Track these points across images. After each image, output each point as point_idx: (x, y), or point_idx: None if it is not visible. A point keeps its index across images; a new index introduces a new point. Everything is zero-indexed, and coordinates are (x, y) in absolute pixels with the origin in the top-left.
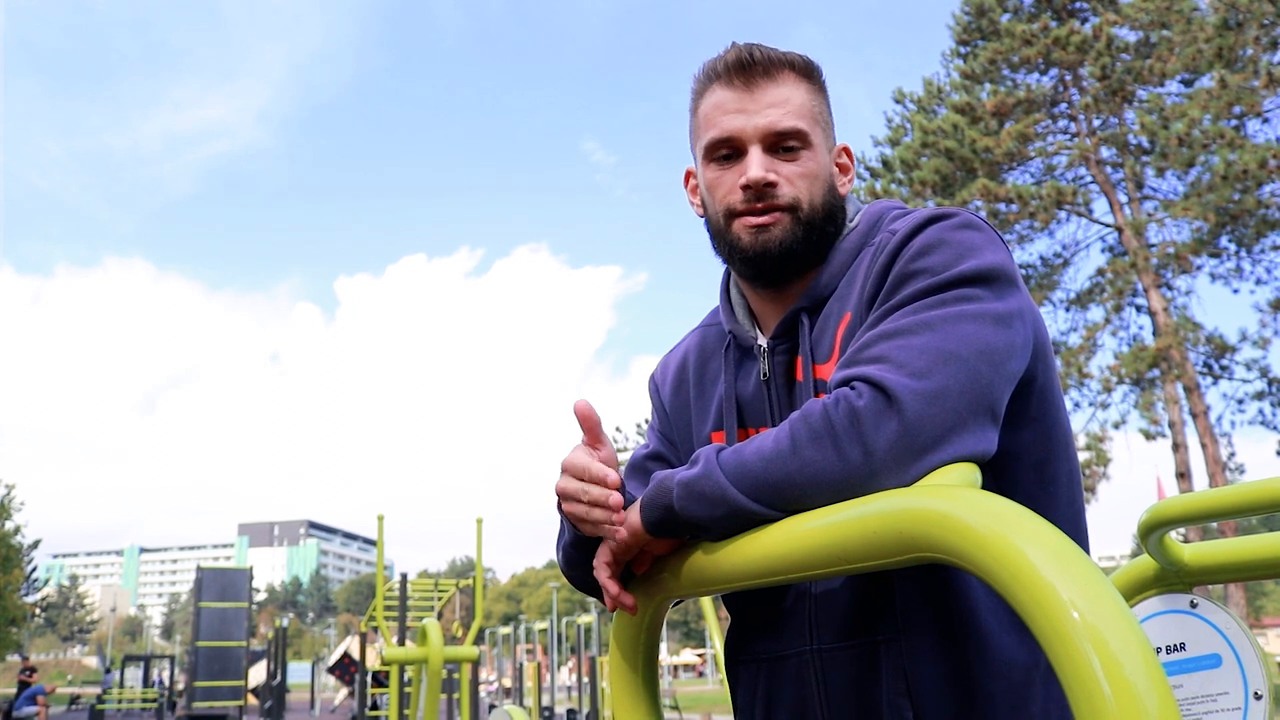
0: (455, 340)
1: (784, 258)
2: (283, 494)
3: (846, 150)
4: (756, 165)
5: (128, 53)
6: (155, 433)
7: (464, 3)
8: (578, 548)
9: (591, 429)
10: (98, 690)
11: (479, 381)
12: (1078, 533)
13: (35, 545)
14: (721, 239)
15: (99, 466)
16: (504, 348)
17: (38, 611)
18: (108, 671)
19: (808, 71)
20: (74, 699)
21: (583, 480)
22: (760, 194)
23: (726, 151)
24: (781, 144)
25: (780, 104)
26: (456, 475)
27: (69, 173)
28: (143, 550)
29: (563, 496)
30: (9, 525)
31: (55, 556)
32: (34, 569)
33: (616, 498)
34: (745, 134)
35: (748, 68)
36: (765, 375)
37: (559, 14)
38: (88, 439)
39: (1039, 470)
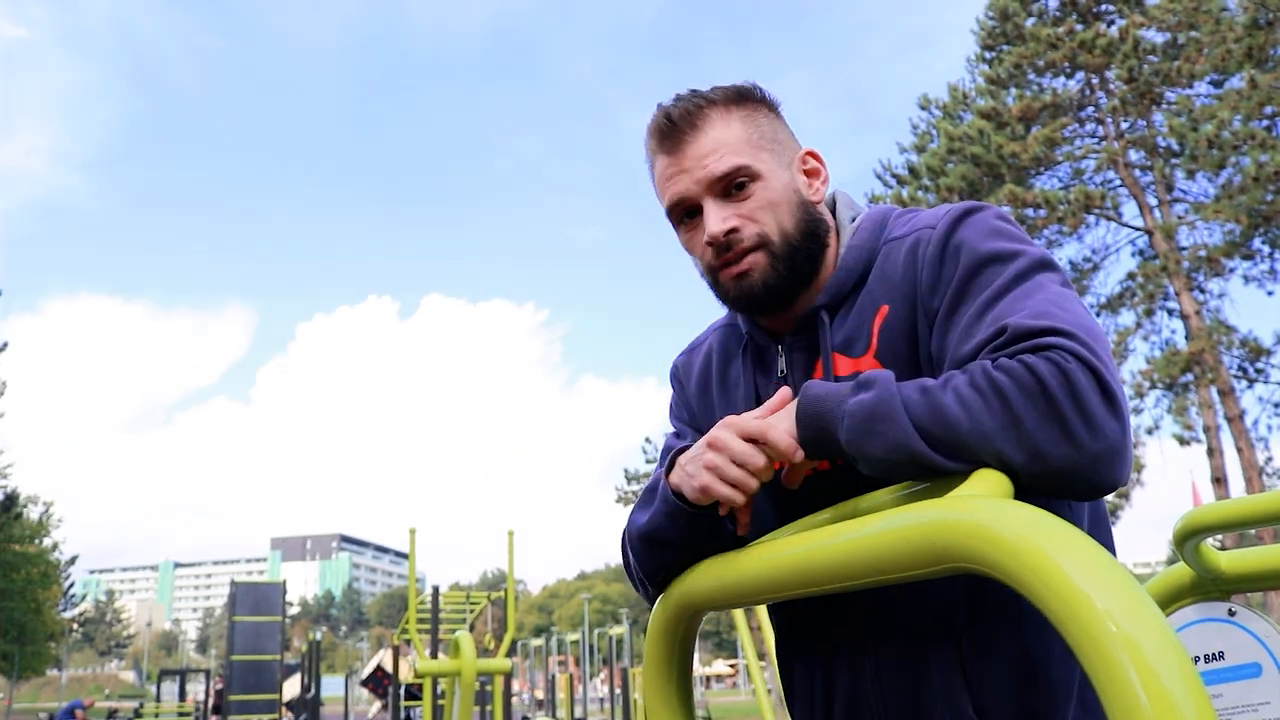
0: (489, 353)
1: (770, 295)
2: (314, 508)
3: (812, 154)
4: (713, 220)
5: None
6: (188, 448)
7: (461, 6)
8: (675, 521)
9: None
10: (134, 704)
11: (511, 394)
12: (1103, 540)
13: (73, 561)
14: (715, 290)
15: (134, 483)
16: (537, 360)
17: (75, 626)
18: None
19: (736, 99)
20: (111, 713)
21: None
22: (726, 244)
23: (684, 212)
24: (731, 185)
25: (712, 151)
26: (487, 488)
27: None
28: (177, 565)
29: (721, 452)
30: (47, 542)
31: (92, 572)
32: (71, 584)
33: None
34: (693, 193)
35: (670, 130)
36: (783, 372)
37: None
38: (121, 456)
39: None
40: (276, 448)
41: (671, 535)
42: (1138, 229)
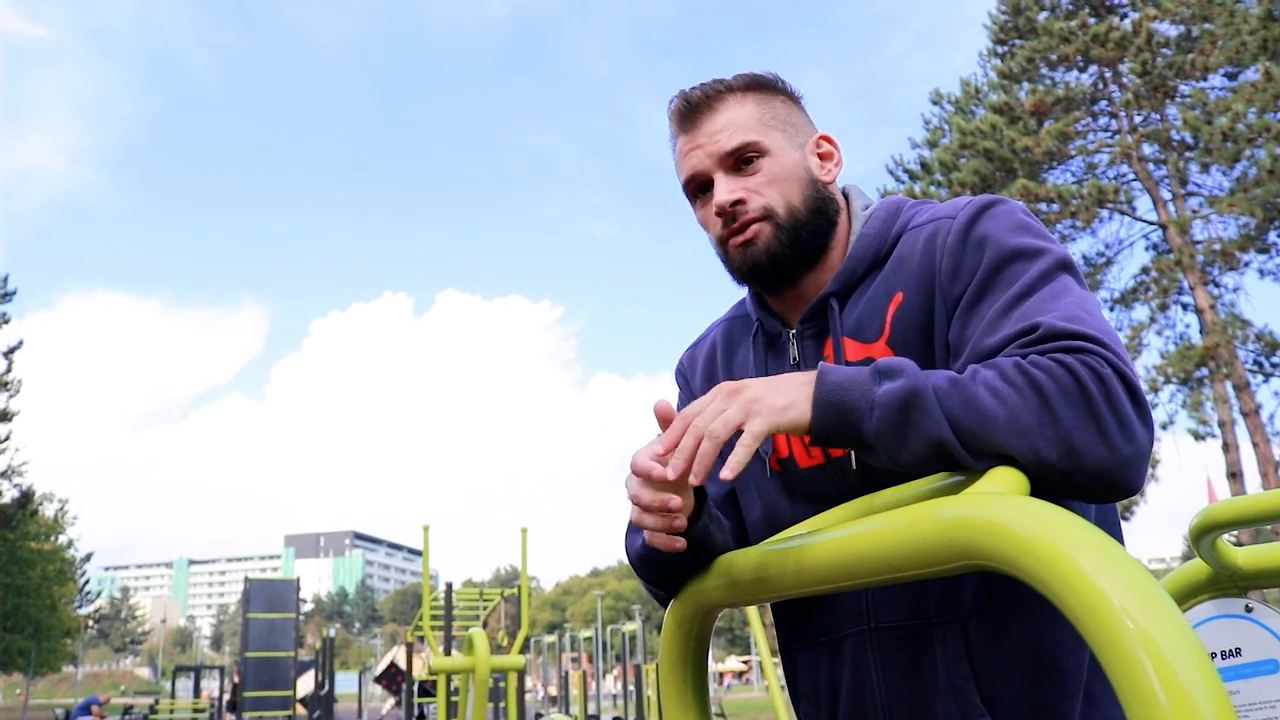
0: (504, 349)
1: (774, 264)
2: (328, 505)
3: (826, 138)
4: (721, 190)
5: None
6: (202, 446)
7: (461, 20)
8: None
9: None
10: (150, 701)
11: (525, 390)
12: (1113, 535)
13: (88, 558)
14: (726, 264)
15: (148, 480)
16: (552, 356)
17: (91, 623)
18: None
19: (752, 86)
20: (127, 709)
21: (648, 484)
22: (733, 215)
23: (698, 189)
24: (739, 160)
25: (725, 127)
26: (500, 484)
27: None
28: (191, 562)
29: (633, 501)
30: (62, 539)
31: (107, 569)
32: (86, 581)
33: (676, 501)
34: (705, 166)
35: (689, 111)
36: (795, 359)
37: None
38: (136, 453)
39: None
40: (290, 445)
41: (665, 555)
42: (1151, 223)
